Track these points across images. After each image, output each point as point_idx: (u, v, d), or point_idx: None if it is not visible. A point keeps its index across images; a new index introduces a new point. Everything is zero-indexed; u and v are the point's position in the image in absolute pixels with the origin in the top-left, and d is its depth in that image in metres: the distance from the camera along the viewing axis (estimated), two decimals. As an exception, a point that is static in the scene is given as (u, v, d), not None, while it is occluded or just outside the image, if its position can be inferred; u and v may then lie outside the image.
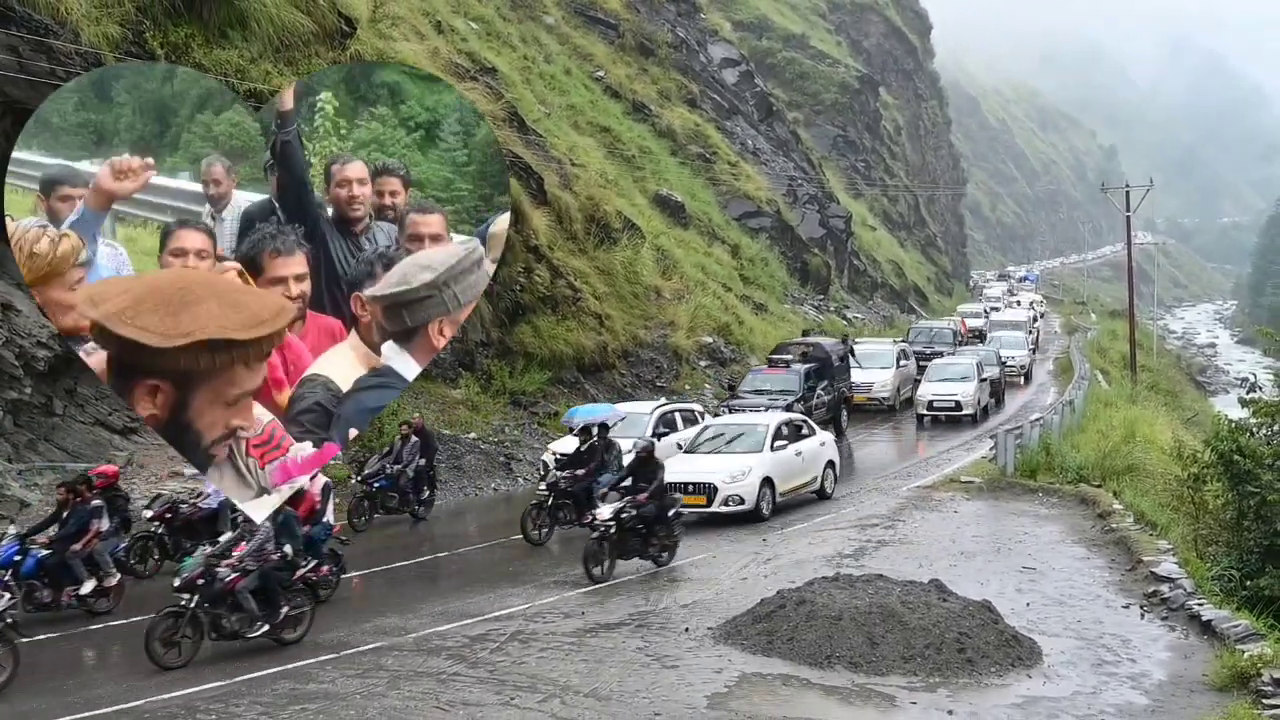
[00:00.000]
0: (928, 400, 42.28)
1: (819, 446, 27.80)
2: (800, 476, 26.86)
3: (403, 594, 20.06)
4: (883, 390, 44.27)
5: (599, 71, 63.57)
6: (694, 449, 26.96)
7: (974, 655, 15.11)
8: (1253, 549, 23.09)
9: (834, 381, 38.70)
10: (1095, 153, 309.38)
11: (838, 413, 38.63)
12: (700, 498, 24.75)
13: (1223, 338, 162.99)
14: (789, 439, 26.74)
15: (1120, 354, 68.16)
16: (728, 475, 25.13)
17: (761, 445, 26.00)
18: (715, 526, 24.61)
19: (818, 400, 36.67)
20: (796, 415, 29.32)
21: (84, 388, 24.48)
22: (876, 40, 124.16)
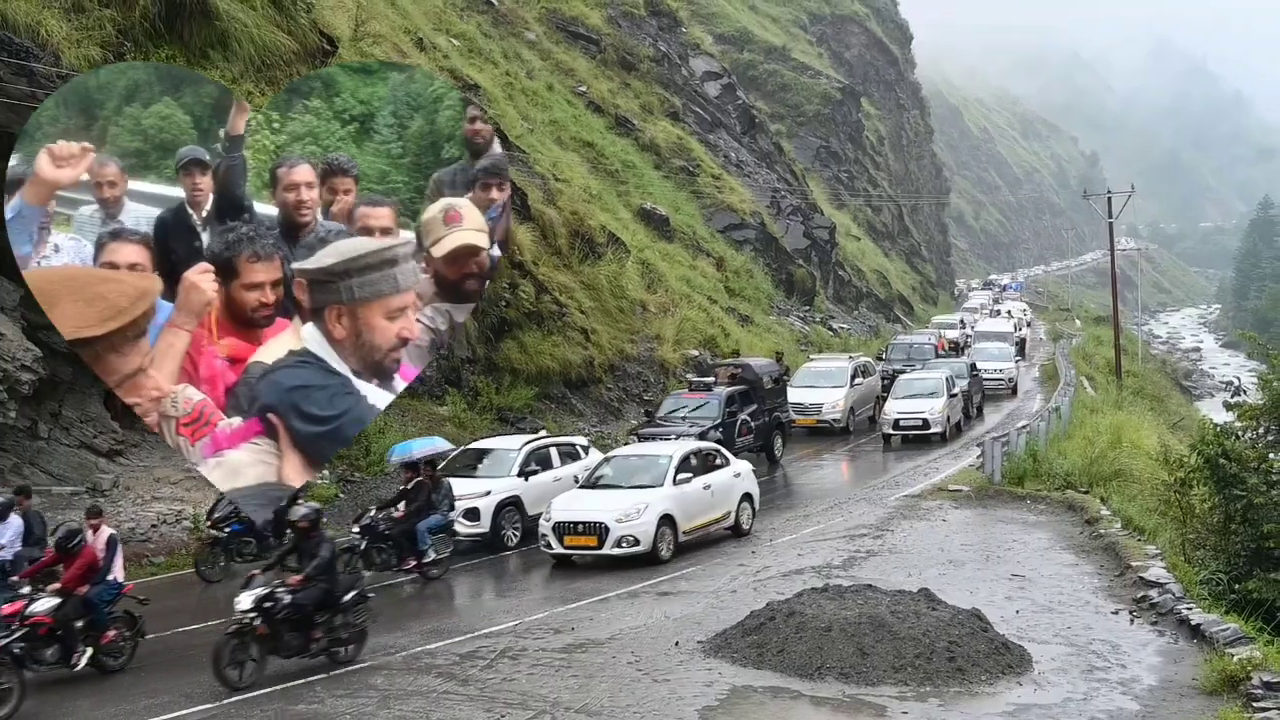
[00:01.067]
0: (893, 419, 39.40)
1: (733, 478, 25.23)
2: (709, 512, 24.34)
3: (391, 612, 20.01)
4: (833, 411, 40.88)
5: (581, 87, 63.65)
6: (591, 483, 24.45)
7: (964, 664, 15.11)
8: (1240, 552, 23.14)
9: (765, 405, 35.34)
10: (1077, 159, 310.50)
11: (770, 439, 35.52)
12: (590, 539, 22.58)
13: (1207, 342, 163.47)
14: (697, 471, 24.25)
15: (1105, 360, 68.33)
16: (621, 513, 22.60)
17: (663, 479, 23.52)
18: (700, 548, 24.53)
19: (743, 425, 33.47)
20: (708, 444, 26.78)
21: (68, 411, 24.41)
22: (858, 51, 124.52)
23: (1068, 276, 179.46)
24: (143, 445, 25.63)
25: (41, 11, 23.61)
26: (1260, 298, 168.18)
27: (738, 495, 25.18)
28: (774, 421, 35.86)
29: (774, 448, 35.84)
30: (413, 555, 21.82)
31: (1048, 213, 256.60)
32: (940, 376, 41.41)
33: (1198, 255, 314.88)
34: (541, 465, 26.27)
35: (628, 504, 22.78)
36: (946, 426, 39.70)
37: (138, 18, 24.89)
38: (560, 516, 22.83)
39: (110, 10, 24.77)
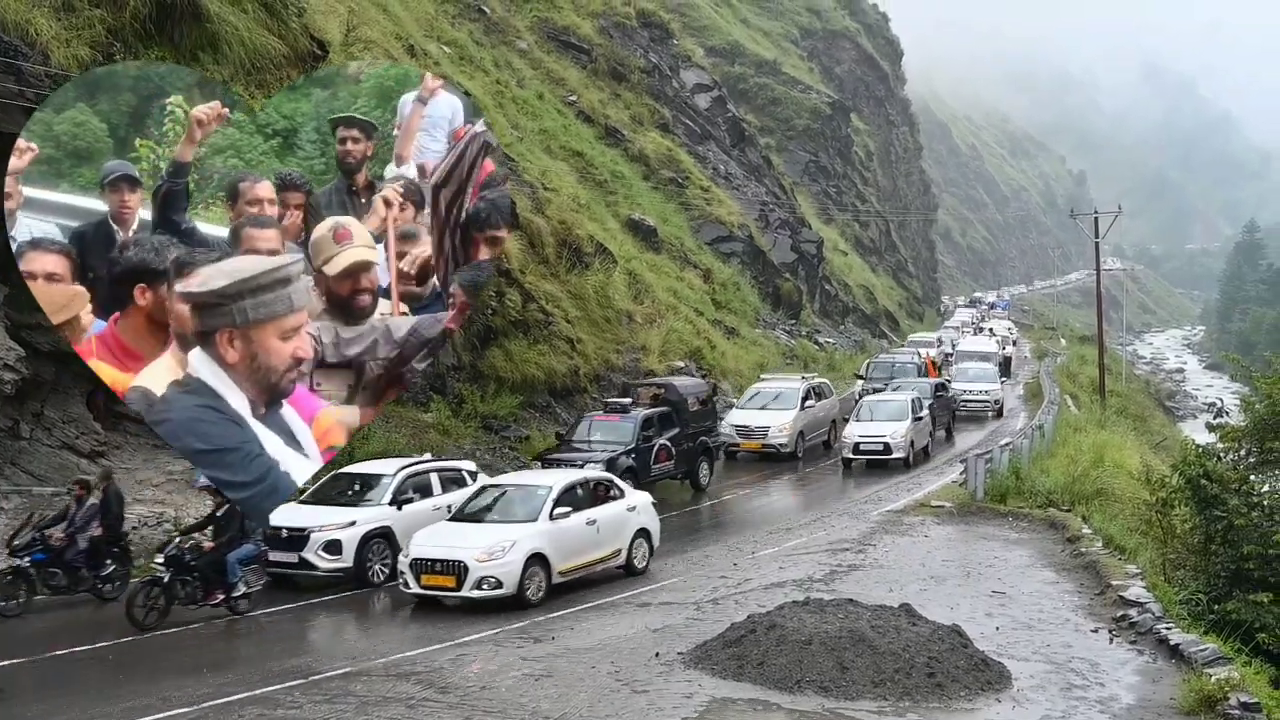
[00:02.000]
0: (853, 442, 37.18)
1: (626, 512, 22.85)
2: (594, 549, 21.94)
3: (371, 619, 19.97)
4: (779, 435, 38.14)
5: (571, 96, 63.71)
6: (462, 515, 22.09)
7: (944, 679, 15.12)
8: (1220, 573, 23.21)
9: (690, 428, 33.09)
10: (1065, 178, 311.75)
11: (694, 465, 33.28)
12: (448, 578, 20.25)
13: (1191, 363, 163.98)
14: (582, 504, 21.98)
15: (1089, 379, 68.44)
16: (483, 551, 20.27)
17: (538, 512, 21.22)
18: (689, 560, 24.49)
19: (661, 450, 31.47)
20: (599, 474, 24.30)
21: (51, 411, 24.31)
22: (848, 67, 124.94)
23: (1053, 295, 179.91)
24: (125, 447, 25.54)
25: (31, 10, 23.53)
26: (1244, 320, 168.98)
27: (631, 531, 22.78)
28: (700, 446, 33.58)
29: (699, 474, 33.50)
30: (221, 588, 19.93)
31: (1034, 231, 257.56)
32: (905, 399, 39.47)
33: (1183, 276, 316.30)
34: (420, 493, 23.78)
35: (491, 541, 20.46)
36: (910, 451, 37.64)
37: (128, 18, 24.81)
38: (418, 553, 20.64)
39: (100, 10, 24.68)
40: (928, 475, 35.84)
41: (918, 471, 36.88)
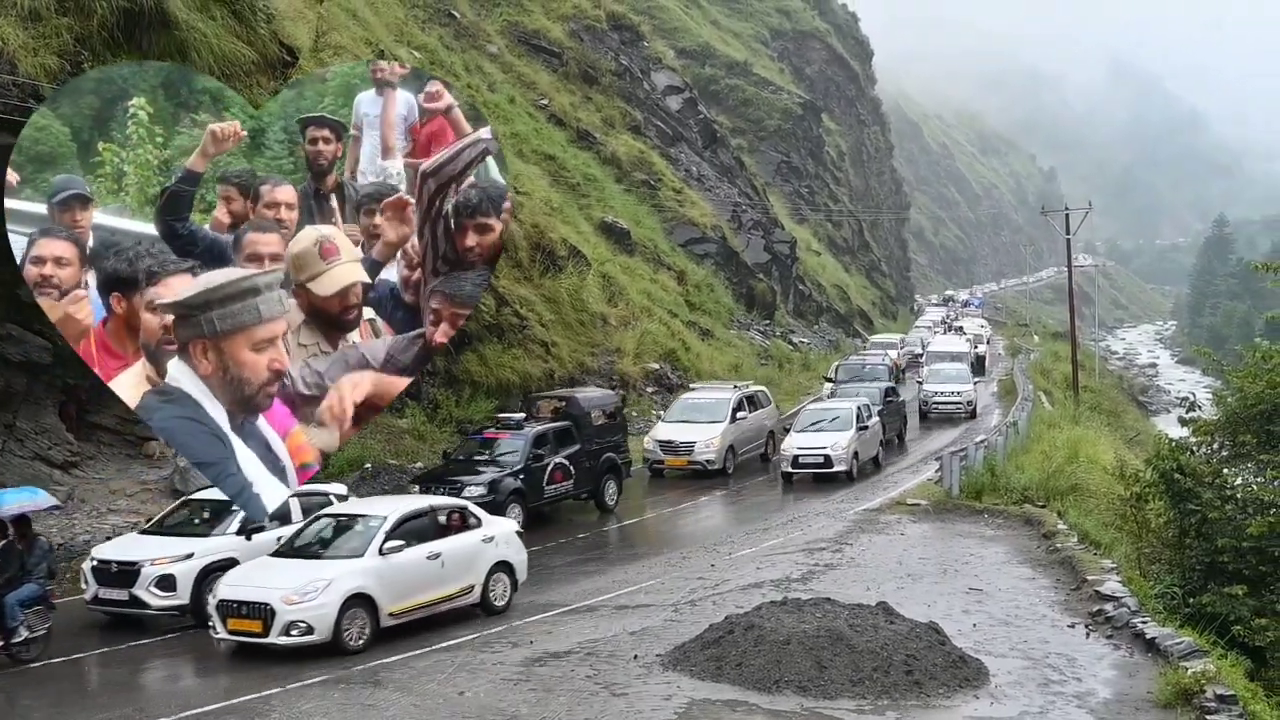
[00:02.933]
0: (792, 455, 34.50)
1: (480, 544, 20.16)
2: (437, 587, 19.29)
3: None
4: (706, 451, 35.29)
5: (543, 100, 63.68)
6: (287, 550, 19.37)
7: (922, 677, 15.15)
8: (1194, 566, 23.32)
9: (593, 444, 30.67)
10: (1035, 176, 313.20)
11: (599, 484, 30.74)
12: (254, 623, 17.52)
13: (1163, 358, 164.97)
14: (424, 535, 19.40)
15: (1063, 375, 68.77)
16: (293, 592, 17.56)
17: (366, 547, 18.57)
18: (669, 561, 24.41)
19: (556, 469, 29.06)
20: (451, 501, 21.49)
21: (23, 422, 24.19)
22: (819, 67, 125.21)
23: (1026, 292, 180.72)
24: (98, 457, 25.45)
25: (-3, 19, 23.42)
26: (1215, 314, 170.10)
27: (487, 565, 20.13)
28: (606, 464, 30.99)
29: (604, 494, 30.93)
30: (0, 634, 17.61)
31: (1006, 229, 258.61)
32: (850, 406, 36.65)
33: (1154, 272, 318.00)
34: (278, 520, 20.66)
35: (303, 580, 17.74)
36: (853, 464, 34.86)
37: (95, 27, 24.69)
38: (225, 593, 17.94)
39: (68, 19, 24.55)
40: (875, 489, 33.61)
41: (865, 485, 34.30)
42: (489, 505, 24.44)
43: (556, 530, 28.34)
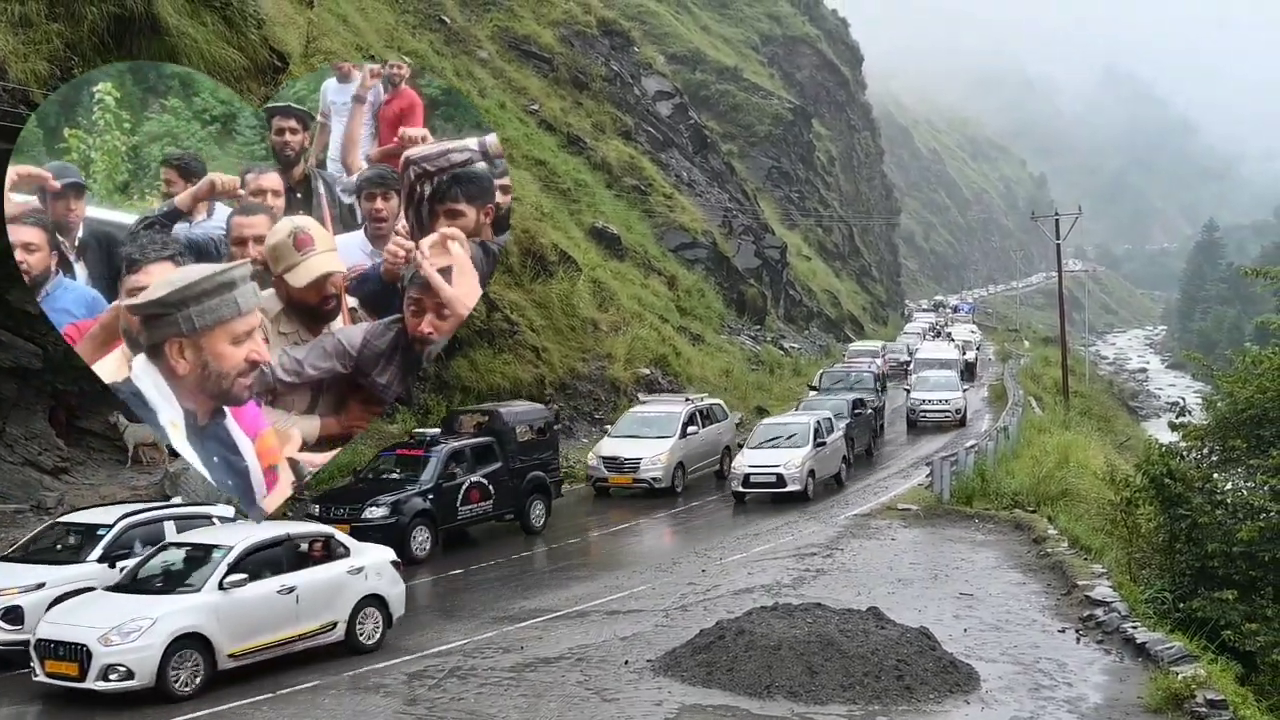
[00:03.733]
0: (743, 474, 32.30)
1: (346, 576, 18.21)
2: (290, 624, 17.32)
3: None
4: (653, 468, 33.23)
5: (533, 105, 63.65)
6: (128, 583, 17.31)
7: (912, 682, 15.17)
8: (1185, 571, 23.34)
9: (518, 462, 28.49)
10: (1026, 181, 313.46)
11: (524, 504, 28.61)
12: (71, 665, 15.72)
13: (1153, 363, 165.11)
14: (279, 567, 17.46)
15: (1053, 380, 68.84)
16: (115, 630, 15.73)
17: (205, 580, 16.70)
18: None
19: (472, 489, 26.97)
20: (313, 528, 19.34)
21: (13, 428, 24.13)
22: (809, 73, 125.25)
23: (1016, 297, 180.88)
24: (88, 463, 25.41)
25: (-13, 25, 23.39)
26: (1205, 319, 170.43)
27: (354, 599, 18.15)
28: (533, 483, 28.82)
29: (530, 515, 28.76)
30: None
31: (996, 234, 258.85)
32: (808, 421, 34.19)
33: (1144, 277, 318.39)
34: (152, 545, 18.67)
35: (123, 618, 15.90)
36: (809, 483, 32.44)
37: (86, 32, 24.65)
38: (45, 631, 16.17)
39: (58, 25, 24.52)
40: (834, 509, 31.72)
41: (824, 504, 32.30)
42: (392, 528, 24.01)
43: (471, 555, 26.25)
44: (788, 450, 32.69)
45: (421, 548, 25.04)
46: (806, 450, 32.71)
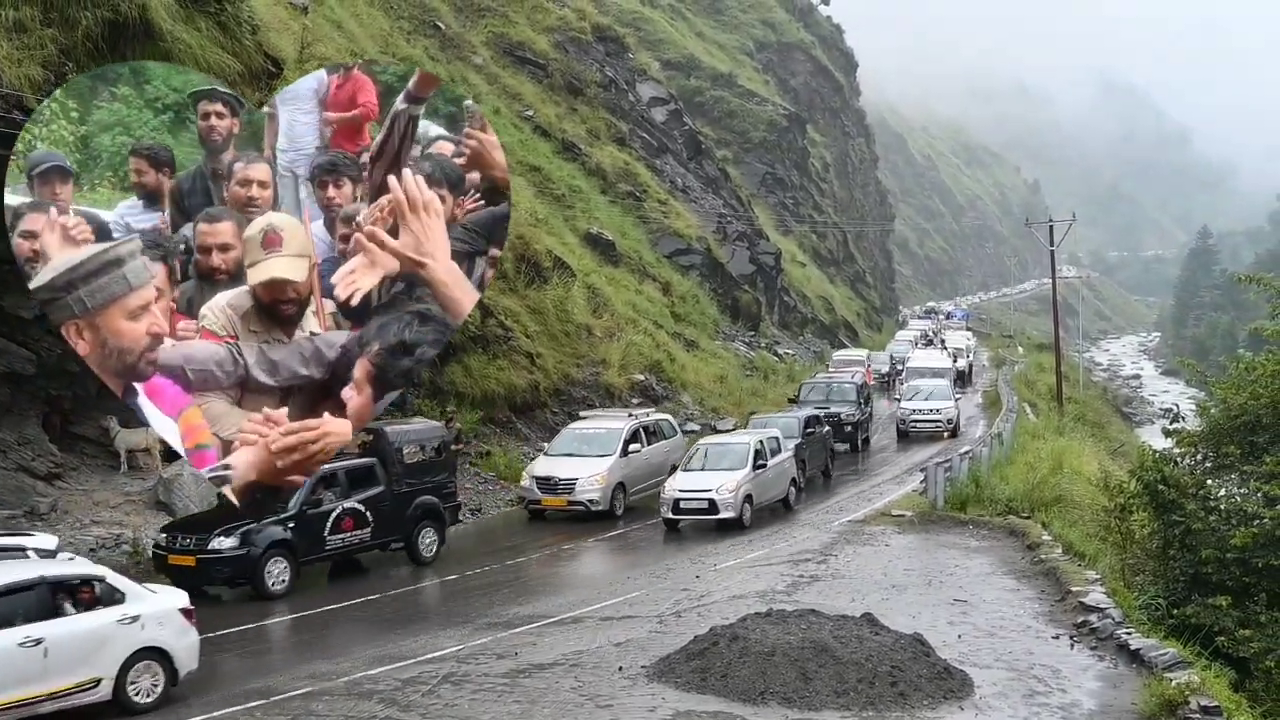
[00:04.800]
0: (673, 499, 29.58)
1: (116, 626, 15.59)
2: (36, 682, 14.75)
3: (334, 637, 19.85)
4: (589, 490, 30.93)
5: (528, 111, 63.71)
6: None
7: (906, 688, 15.16)
8: (1179, 577, 23.33)
9: (405, 486, 25.67)
10: (1020, 188, 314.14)
11: (414, 532, 25.92)
12: None
13: (1147, 369, 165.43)
14: (25, 616, 14.91)
15: (1047, 386, 68.96)
16: None
17: None
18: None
19: (345, 517, 24.18)
20: (74, 569, 16.30)
21: (5, 434, 24.09)
22: (804, 79, 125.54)
23: (1010, 303, 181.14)
24: (81, 469, 25.37)
25: (-18, 31, 23.40)
26: (1199, 325, 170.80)
27: (125, 652, 15.57)
28: (424, 508, 26.11)
29: (419, 545, 26.05)
30: None
31: (991, 240, 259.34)
32: (748, 442, 31.44)
33: (1138, 283, 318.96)
34: None
35: None
36: (746, 510, 29.77)
37: (80, 38, 24.67)
38: None
39: (52, 30, 24.53)
40: (828, 515, 31.47)
41: (817, 510, 32.03)
42: (242, 561, 22.03)
43: (343, 589, 23.72)
44: (723, 473, 29.94)
45: (279, 582, 22.54)
46: (743, 474, 29.98)
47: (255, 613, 21.48)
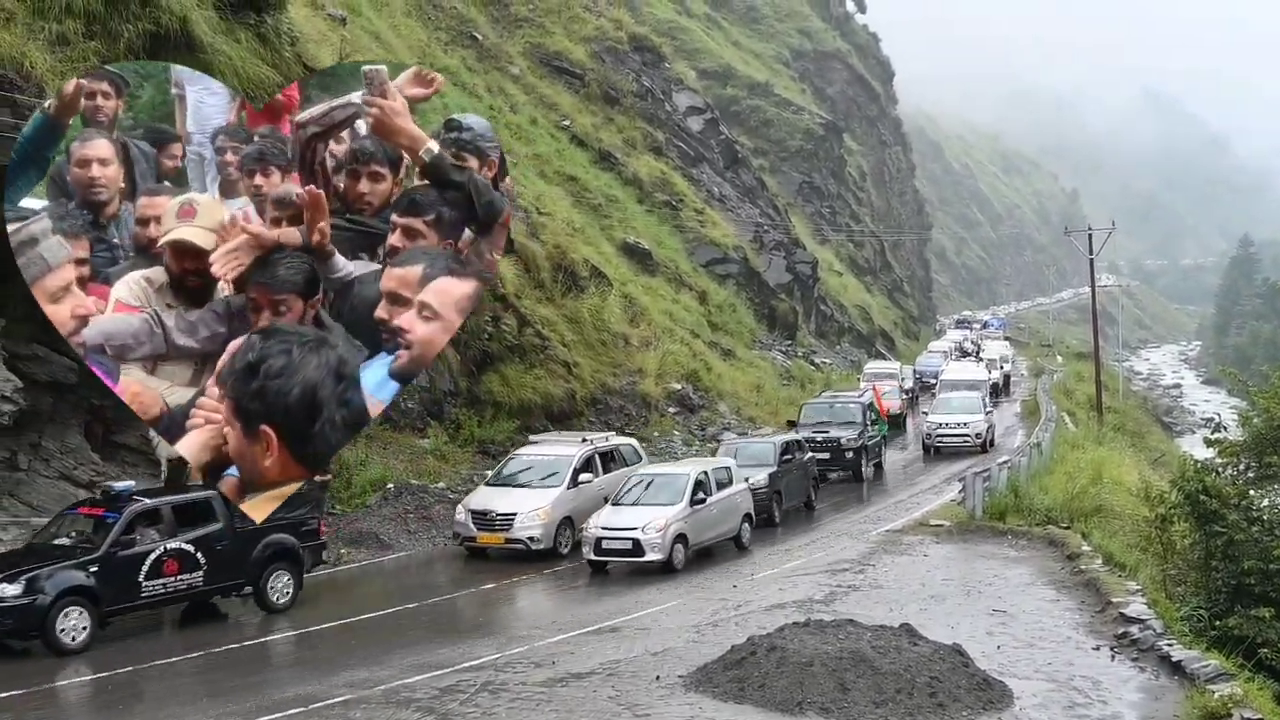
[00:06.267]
0: (596, 538, 25.87)
1: None
2: None
3: (372, 645, 19.90)
4: (530, 525, 27.20)
5: (565, 120, 63.88)
6: None
7: (945, 699, 15.08)
8: (1221, 588, 23.20)
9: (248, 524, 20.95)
10: (1058, 196, 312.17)
11: (262, 574, 22.45)
12: None
13: (1188, 378, 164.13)
14: None
15: (1086, 396, 68.55)
16: None
17: None
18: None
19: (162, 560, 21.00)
20: None
21: (48, 442, 24.30)
22: (840, 87, 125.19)
23: (1049, 312, 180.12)
24: (122, 478, 25.48)
25: (26, 43, 23.64)
26: (1241, 334, 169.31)
27: None
28: (273, 549, 22.62)
29: (269, 591, 22.57)
30: None
31: (1029, 249, 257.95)
32: (686, 474, 27.51)
33: (1178, 292, 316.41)
34: None
35: None
36: (678, 552, 25.88)
37: (122, 50, 24.91)
38: None
39: (95, 42, 24.79)
40: (865, 525, 30.59)
41: (854, 520, 31.12)
42: (27, 611, 19.17)
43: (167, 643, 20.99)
44: (654, 509, 26.01)
45: (74, 635, 19.47)
46: (676, 510, 26.05)
47: (47, 672, 18.67)
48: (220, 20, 28.18)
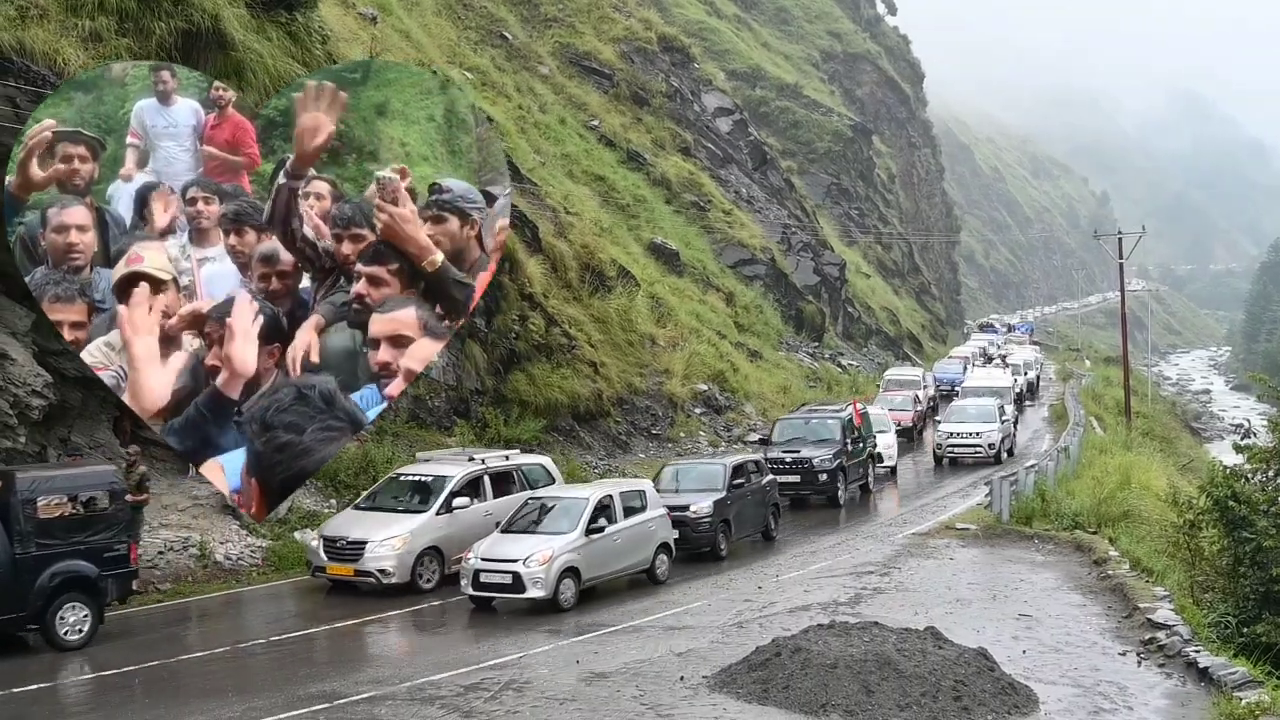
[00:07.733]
0: (474, 570, 22.00)
1: None
2: None
3: (397, 642, 19.94)
4: (382, 557, 23.09)
5: (593, 121, 63.96)
6: None
7: (970, 703, 15.03)
8: (1249, 595, 23.03)
9: (34, 548, 18.72)
10: (1088, 199, 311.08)
11: (46, 612, 18.86)
12: None
13: (1217, 384, 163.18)
14: None
15: (1115, 400, 68.21)
16: None
17: None
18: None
19: None
20: None
21: (77, 436, 24.47)
22: (869, 89, 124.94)
23: (1077, 316, 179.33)
24: (150, 472, 25.64)
25: (59, 40, 23.80)
26: (1271, 340, 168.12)
27: None
28: (64, 578, 19.06)
29: (56, 627, 19.02)
30: None
31: (1058, 252, 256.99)
32: (584, 498, 23.56)
33: (1208, 297, 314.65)
34: None
35: None
36: (565, 588, 22.07)
37: (154, 47, 25.07)
38: None
39: (127, 39, 24.95)
40: (891, 527, 29.76)
41: (881, 523, 29.91)
42: None
43: None
44: (540, 538, 22.54)
45: None
46: (566, 540, 22.38)
47: None
48: (251, 18, 28.32)
